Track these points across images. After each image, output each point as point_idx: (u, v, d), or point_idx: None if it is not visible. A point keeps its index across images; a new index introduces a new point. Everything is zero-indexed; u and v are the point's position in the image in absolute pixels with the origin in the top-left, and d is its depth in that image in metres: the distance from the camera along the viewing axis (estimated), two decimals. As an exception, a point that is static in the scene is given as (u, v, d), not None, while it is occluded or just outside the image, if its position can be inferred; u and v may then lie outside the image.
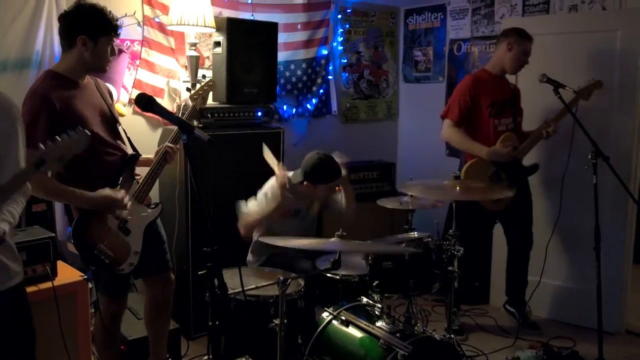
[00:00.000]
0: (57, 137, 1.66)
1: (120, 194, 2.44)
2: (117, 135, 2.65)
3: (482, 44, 4.59)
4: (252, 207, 2.98)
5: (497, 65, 3.68)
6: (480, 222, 3.68)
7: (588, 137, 2.95)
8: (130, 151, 2.70)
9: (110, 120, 2.61)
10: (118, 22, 2.54)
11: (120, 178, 2.57)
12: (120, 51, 3.44)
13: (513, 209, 3.63)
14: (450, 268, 2.82)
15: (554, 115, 3.53)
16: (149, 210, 2.67)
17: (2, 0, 3.04)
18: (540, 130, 3.54)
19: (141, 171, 2.72)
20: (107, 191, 2.41)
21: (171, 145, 2.72)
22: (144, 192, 2.62)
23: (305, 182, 2.96)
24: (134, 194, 2.58)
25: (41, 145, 1.65)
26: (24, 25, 3.13)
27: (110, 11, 2.49)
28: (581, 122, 3.05)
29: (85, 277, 2.72)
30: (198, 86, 3.04)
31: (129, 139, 2.72)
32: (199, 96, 2.99)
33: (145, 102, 1.72)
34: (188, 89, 3.09)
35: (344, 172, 3.01)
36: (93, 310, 3.02)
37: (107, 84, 2.86)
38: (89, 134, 1.77)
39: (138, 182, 2.62)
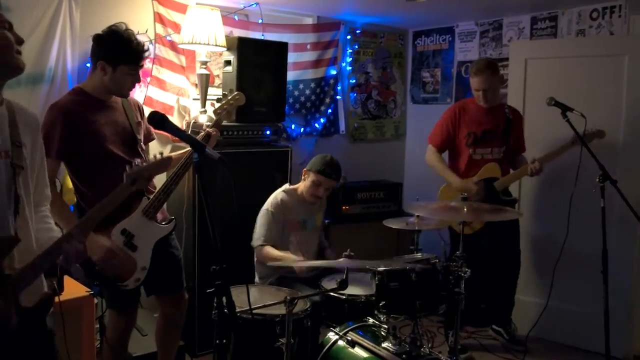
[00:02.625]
0: (146, 159, 1.85)
1: (119, 252, 2.45)
2: (136, 154, 2.63)
3: (490, 67, 4.61)
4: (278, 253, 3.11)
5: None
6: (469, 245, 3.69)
7: (596, 161, 2.95)
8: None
9: (130, 139, 2.63)
10: (146, 53, 2.58)
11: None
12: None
13: (498, 232, 3.64)
14: (457, 289, 2.81)
15: (544, 154, 3.58)
16: (161, 226, 2.66)
17: (17, 17, 3.09)
18: (526, 168, 3.58)
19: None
20: (107, 242, 2.42)
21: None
22: (153, 209, 2.59)
23: (304, 177, 3.23)
24: (142, 210, 2.59)
25: (135, 163, 1.87)
26: (38, 41, 3.19)
27: (138, 42, 2.53)
28: (589, 146, 3.06)
29: (91, 292, 2.73)
30: (224, 100, 2.91)
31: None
32: (224, 110, 2.88)
33: (157, 120, 1.75)
34: (219, 99, 2.94)
35: None
36: (98, 326, 3.03)
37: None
38: (170, 159, 2.03)
39: (148, 198, 2.62)
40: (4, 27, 1.59)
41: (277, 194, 3.27)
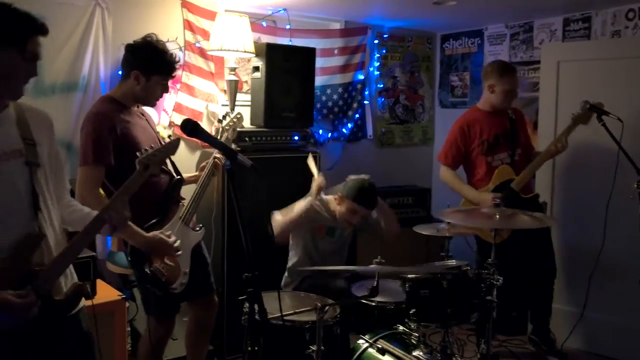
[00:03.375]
0: (155, 144, 1.90)
1: (172, 239, 2.45)
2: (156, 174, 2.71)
3: (520, 70, 4.53)
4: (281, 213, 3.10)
5: (486, 103, 3.68)
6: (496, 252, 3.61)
7: (633, 166, 2.87)
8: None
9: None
10: (178, 65, 2.64)
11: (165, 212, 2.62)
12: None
13: (527, 240, 3.53)
14: (488, 298, 2.76)
15: (563, 130, 3.45)
16: (195, 232, 2.73)
17: (52, 27, 3.09)
18: (550, 147, 3.45)
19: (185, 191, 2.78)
20: (160, 235, 2.44)
21: (219, 156, 2.81)
22: (189, 215, 2.68)
23: (339, 202, 3.09)
24: (180, 217, 2.64)
25: (144, 150, 1.86)
26: (72, 50, 3.25)
27: (171, 53, 2.59)
28: (626, 150, 2.98)
29: (123, 296, 2.76)
30: (228, 119, 3.13)
31: (172, 163, 2.77)
32: (230, 127, 3.07)
33: (190, 128, 1.76)
34: (219, 121, 3.15)
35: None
36: (129, 329, 3.07)
37: (148, 109, 2.93)
38: (178, 140, 2.00)
39: (184, 205, 2.67)
40: (27, 58, 1.66)
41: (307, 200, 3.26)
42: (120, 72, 2.69)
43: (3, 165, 1.63)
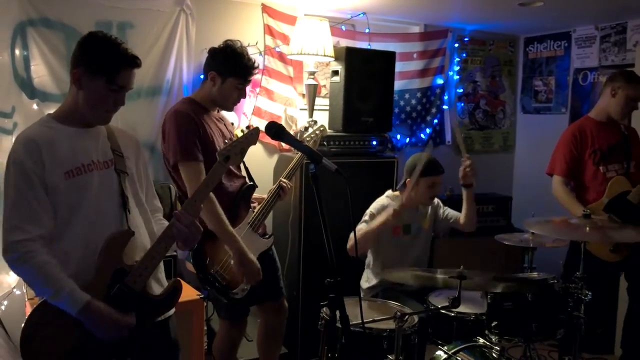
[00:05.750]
0: (235, 135, 1.85)
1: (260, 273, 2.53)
2: (238, 168, 2.74)
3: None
4: (360, 226, 3.03)
5: (602, 113, 3.41)
6: (603, 270, 3.36)
7: None
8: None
9: None
10: (255, 70, 2.65)
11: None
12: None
13: (637, 259, 3.28)
14: (576, 313, 2.61)
15: None
16: (263, 240, 2.73)
17: (140, 33, 3.29)
18: None
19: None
20: (254, 258, 2.51)
21: (285, 180, 2.79)
22: (258, 221, 2.68)
23: (412, 187, 2.97)
24: (249, 222, 2.65)
25: (224, 143, 1.90)
26: (157, 55, 3.36)
27: (249, 58, 2.61)
28: None
29: (202, 296, 2.81)
30: (310, 130, 3.10)
31: (247, 169, 2.80)
32: (312, 139, 3.05)
33: (275, 131, 1.77)
34: (301, 132, 3.14)
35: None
36: (205, 328, 3.13)
37: (227, 113, 2.98)
38: (258, 129, 2.00)
39: (253, 211, 2.69)
40: (113, 89, 1.75)
41: (381, 199, 3.22)
42: (202, 76, 2.75)
43: (103, 173, 1.80)
